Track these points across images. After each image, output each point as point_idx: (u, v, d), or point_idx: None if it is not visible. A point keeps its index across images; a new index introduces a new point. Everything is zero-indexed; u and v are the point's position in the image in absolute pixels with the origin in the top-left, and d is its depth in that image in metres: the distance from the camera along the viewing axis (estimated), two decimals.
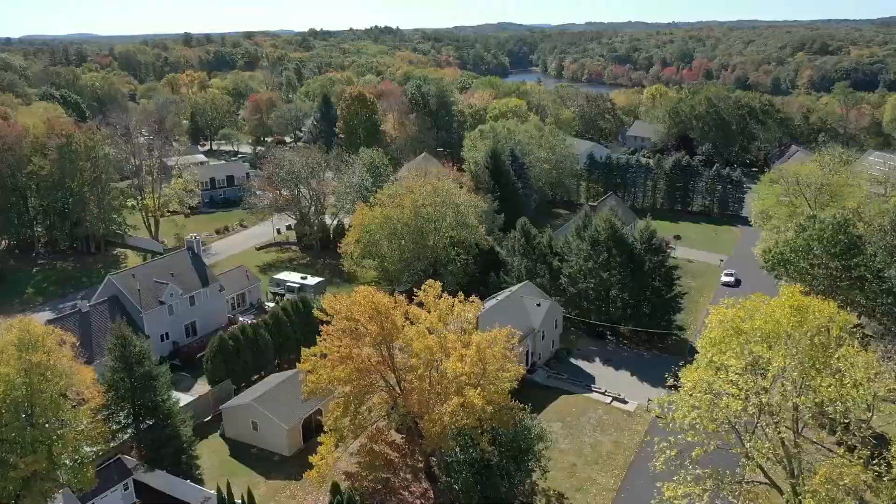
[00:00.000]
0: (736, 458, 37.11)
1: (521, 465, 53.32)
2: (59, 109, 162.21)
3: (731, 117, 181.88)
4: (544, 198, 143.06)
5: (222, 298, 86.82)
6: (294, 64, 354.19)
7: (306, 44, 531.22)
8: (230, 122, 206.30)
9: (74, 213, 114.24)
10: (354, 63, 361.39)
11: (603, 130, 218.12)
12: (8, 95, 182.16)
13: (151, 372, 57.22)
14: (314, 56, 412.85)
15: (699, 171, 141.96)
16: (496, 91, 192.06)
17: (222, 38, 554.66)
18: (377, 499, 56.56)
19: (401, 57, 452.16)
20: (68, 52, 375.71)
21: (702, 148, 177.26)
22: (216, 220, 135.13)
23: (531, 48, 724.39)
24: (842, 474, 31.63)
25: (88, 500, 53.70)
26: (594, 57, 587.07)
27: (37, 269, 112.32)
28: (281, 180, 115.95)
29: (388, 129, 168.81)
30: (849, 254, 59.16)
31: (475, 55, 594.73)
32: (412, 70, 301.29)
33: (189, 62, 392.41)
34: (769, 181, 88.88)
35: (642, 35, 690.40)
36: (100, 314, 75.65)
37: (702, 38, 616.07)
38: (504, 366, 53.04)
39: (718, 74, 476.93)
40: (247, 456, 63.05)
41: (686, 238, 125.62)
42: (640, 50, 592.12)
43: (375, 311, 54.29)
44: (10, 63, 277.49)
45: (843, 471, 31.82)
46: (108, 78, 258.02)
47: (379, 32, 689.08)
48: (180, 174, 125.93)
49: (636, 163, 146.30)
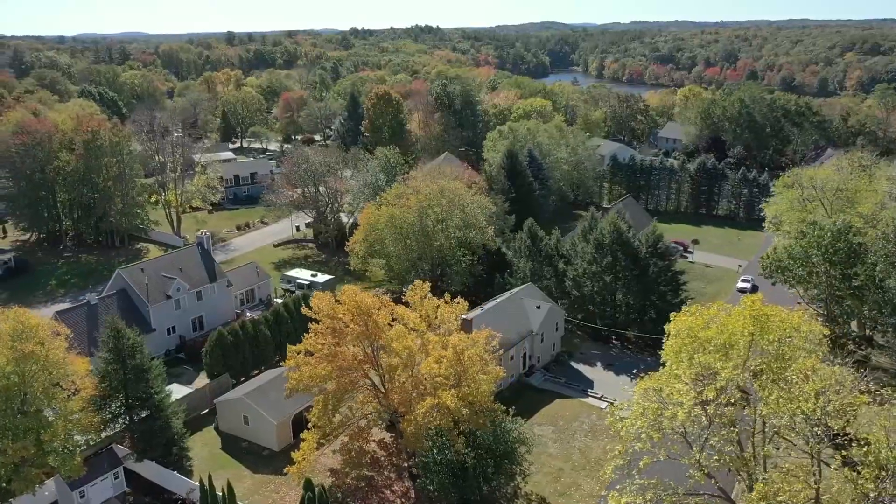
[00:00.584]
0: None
1: (500, 468, 53.10)
2: (93, 107, 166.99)
3: (765, 119, 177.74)
4: (565, 199, 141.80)
5: (230, 294, 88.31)
6: (331, 63, 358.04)
7: (346, 42, 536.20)
8: (260, 120, 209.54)
9: (99, 208, 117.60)
10: (391, 62, 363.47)
11: (635, 132, 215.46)
12: (45, 92, 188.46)
13: (143, 364, 58.44)
14: (352, 55, 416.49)
15: (725, 174, 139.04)
16: (521, 91, 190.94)
17: (263, 37, 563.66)
18: (359, 496, 56.98)
19: (439, 56, 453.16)
20: (112, 51, 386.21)
21: (733, 150, 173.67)
22: (238, 217, 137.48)
23: (572, 47, 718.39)
24: (779, 490, 30.71)
25: (78, 486, 55.27)
26: (635, 56, 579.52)
27: (62, 262, 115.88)
28: (298, 178, 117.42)
29: (414, 129, 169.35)
30: (848, 262, 57.32)
31: (515, 54, 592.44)
32: (447, 69, 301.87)
33: (229, 60, 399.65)
34: (783, 185, 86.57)
35: (686, 34, 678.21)
36: (107, 307, 77.72)
37: (748, 37, 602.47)
38: (484, 368, 52.96)
39: (763, 75, 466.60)
40: (237, 449, 64.13)
41: (707, 242, 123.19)
42: (683, 49, 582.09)
43: (358, 311, 54.77)
44: (56, 61, 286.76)
45: (782, 486, 30.89)
46: (147, 76, 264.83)
47: (419, 31, 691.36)
48: (204, 171, 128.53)
49: (660, 165, 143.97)
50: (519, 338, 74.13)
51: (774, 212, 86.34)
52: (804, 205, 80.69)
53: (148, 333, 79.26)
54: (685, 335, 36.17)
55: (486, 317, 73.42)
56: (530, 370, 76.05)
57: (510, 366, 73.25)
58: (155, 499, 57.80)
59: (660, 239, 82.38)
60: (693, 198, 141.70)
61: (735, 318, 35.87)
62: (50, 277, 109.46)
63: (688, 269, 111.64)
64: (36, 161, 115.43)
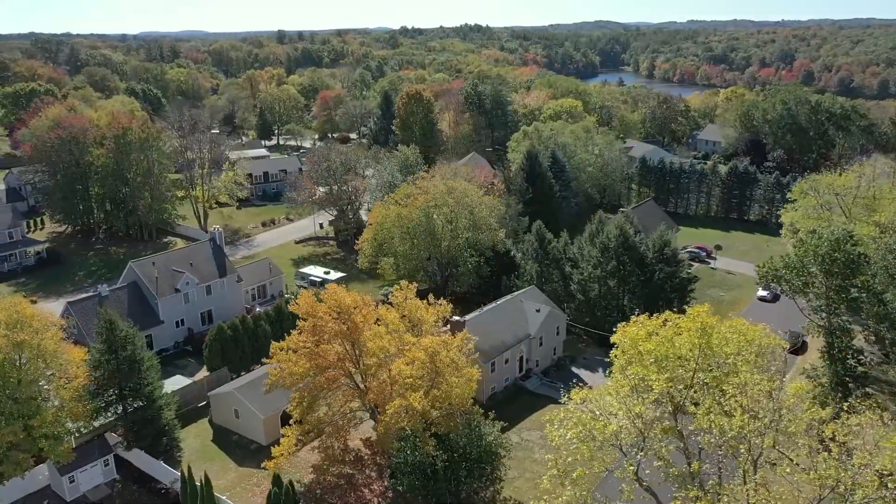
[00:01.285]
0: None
1: (474, 472, 52.79)
2: (134, 103, 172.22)
3: (809, 122, 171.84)
4: (592, 202, 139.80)
5: (240, 289, 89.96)
6: (376, 62, 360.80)
7: (393, 41, 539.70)
8: (296, 118, 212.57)
9: (129, 202, 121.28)
10: (435, 61, 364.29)
11: (675, 133, 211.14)
12: (88, 90, 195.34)
13: (135, 356, 60.08)
14: (397, 54, 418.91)
15: (756, 178, 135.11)
16: (553, 91, 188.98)
17: (312, 36, 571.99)
18: (338, 494, 57.43)
19: (486, 55, 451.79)
20: (163, 49, 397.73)
21: (773, 154, 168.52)
22: (265, 213, 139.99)
23: (623, 47, 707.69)
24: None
25: (68, 472, 57.16)
26: (687, 56, 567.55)
27: (92, 254, 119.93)
28: (319, 176, 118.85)
29: (445, 128, 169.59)
30: (847, 273, 55.01)
31: (563, 54, 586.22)
32: (491, 69, 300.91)
33: (277, 58, 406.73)
34: (801, 191, 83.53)
35: (742, 34, 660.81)
36: (117, 298, 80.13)
37: (806, 37, 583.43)
38: (458, 371, 52.74)
39: (820, 76, 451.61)
40: (227, 442, 65.35)
41: (733, 248, 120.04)
42: (737, 49, 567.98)
43: (338, 310, 55.28)
44: (109, 59, 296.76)
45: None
46: (192, 73, 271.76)
47: (468, 30, 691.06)
48: (232, 168, 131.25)
49: (690, 168, 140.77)
50: (515, 341, 73.53)
51: (790, 219, 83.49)
52: (820, 212, 77.78)
53: (157, 325, 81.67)
54: (628, 346, 35.35)
55: (482, 319, 73.21)
56: (527, 374, 75.36)
57: (505, 369, 72.84)
58: (142, 487, 59.34)
59: (667, 244, 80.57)
60: (724, 202, 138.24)
61: (683, 329, 34.81)
62: (79, 268, 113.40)
63: (708, 276, 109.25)
64: (70, 155, 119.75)
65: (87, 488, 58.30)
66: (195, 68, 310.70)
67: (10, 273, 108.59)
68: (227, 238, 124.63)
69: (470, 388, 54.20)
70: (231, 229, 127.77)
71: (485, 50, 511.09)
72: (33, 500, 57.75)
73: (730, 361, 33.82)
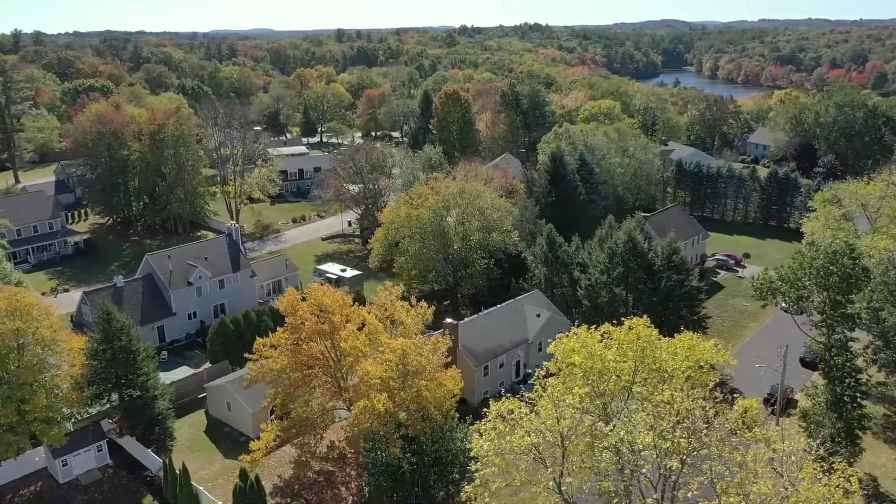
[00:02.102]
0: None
1: (444, 475, 52.56)
2: (181, 100, 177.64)
3: (865, 127, 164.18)
4: (623, 205, 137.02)
5: (253, 284, 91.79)
6: (429, 60, 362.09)
7: (450, 41, 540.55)
8: (339, 116, 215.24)
9: (164, 196, 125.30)
10: (488, 60, 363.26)
11: (726, 136, 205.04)
12: (138, 87, 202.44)
13: (130, 346, 62.03)
14: (451, 53, 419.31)
15: (798, 183, 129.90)
16: (593, 91, 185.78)
17: (368, 35, 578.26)
18: (315, 490, 58.06)
19: (543, 54, 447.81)
20: (221, 47, 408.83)
21: (824, 159, 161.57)
22: (296, 210, 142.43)
23: (687, 46, 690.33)
24: None
25: (61, 455, 59.52)
26: (753, 57, 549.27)
27: (128, 245, 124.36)
28: (346, 174, 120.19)
29: (482, 128, 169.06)
30: (844, 288, 52.32)
31: (623, 53, 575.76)
32: (542, 69, 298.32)
33: (333, 57, 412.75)
34: (822, 200, 79.80)
35: (813, 34, 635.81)
36: (132, 290, 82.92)
37: (881, 37, 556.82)
38: (431, 374, 52.54)
39: (894, 78, 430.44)
40: (219, 434, 66.85)
41: (765, 257, 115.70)
42: (806, 49, 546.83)
43: (319, 309, 55.88)
44: (169, 56, 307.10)
45: None
46: (244, 71, 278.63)
47: (527, 29, 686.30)
48: (265, 164, 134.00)
49: (727, 173, 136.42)
50: (512, 345, 72.83)
51: (811, 228, 79.95)
52: (839, 223, 74.24)
53: (169, 317, 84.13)
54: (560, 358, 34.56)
55: (479, 322, 72.83)
56: (524, 378, 74.45)
57: (499, 373, 72.22)
58: (131, 474, 61.25)
59: (676, 251, 78.28)
60: (762, 208, 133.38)
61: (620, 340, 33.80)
62: (114, 259, 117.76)
63: (734, 285, 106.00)
64: (109, 150, 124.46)
65: (80, 472, 60.56)
66: (250, 66, 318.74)
67: (49, 262, 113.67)
68: (257, 233, 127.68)
69: (446, 391, 54.00)
70: (262, 225, 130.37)
71: (542, 49, 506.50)
72: (30, 481, 60.33)
73: (666, 376, 32.68)
